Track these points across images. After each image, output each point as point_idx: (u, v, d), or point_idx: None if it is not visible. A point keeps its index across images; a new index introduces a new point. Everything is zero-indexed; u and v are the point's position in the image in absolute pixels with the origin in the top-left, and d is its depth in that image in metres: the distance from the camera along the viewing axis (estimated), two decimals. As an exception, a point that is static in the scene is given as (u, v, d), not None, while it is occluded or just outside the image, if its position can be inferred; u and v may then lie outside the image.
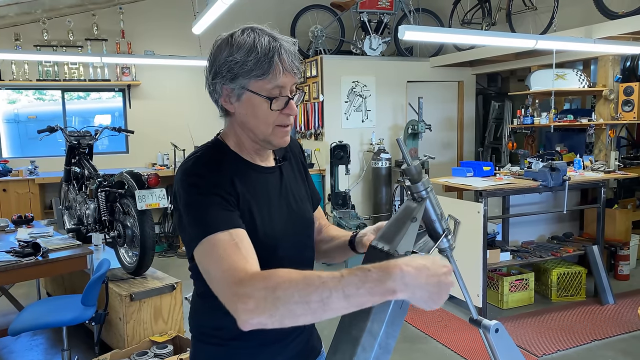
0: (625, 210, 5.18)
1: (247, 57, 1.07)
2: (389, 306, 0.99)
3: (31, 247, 3.16)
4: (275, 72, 1.08)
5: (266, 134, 1.14)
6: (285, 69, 1.09)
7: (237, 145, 1.18)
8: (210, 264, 1.01)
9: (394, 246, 1.00)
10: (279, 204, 1.20)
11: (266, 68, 1.07)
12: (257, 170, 1.19)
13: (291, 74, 1.11)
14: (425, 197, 1.05)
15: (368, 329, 0.98)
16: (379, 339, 0.98)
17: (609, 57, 4.96)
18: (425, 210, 1.06)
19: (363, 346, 0.98)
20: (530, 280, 4.36)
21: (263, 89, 1.09)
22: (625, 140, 6.18)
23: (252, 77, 1.08)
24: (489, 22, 6.04)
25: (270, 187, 1.20)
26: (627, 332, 3.77)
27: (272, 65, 1.07)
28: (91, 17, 6.39)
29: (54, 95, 6.74)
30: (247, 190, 1.13)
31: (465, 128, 7.02)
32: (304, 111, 6.56)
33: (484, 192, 3.93)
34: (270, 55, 1.07)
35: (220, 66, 1.10)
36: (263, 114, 1.11)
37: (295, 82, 1.13)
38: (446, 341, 3.68)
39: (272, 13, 7.28)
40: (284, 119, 1.13)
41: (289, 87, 1.12)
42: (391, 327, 0.99)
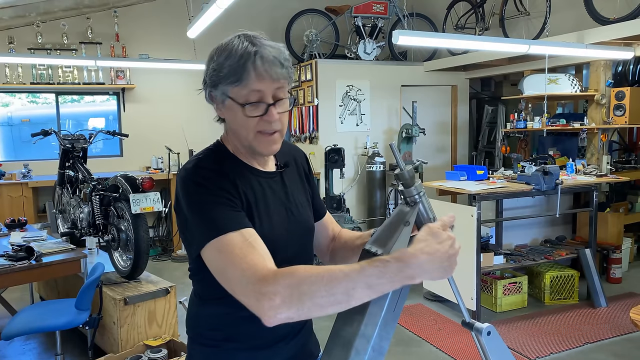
0: (617, 214, 5.22)
1: (224, 63, 1.09)
2: (382, 309, 1.00)
3: (25, 251, 3.15)
4: (249, 78, 1.08)
5: (248, 140, 1.14)
6: (259, 74, 1.08)
7: (235, 149, 1.21)
8: (226, 263, 1.02)
9: (388, 250, 1.02)
10: (278, 208, 1.21)
11: (239, 74, 1.08)
12: (256, 174, 1.20)
13: (269, 80, 1.09)
14: (418, 201, 1.06)
15: (361, 332, 0.99)
16: (373, 342, 0.99)
17: (601, 62, 5.01)
18: (418, 214, 1.07)
19: (356, 349, 0.99)
20: (523, 283, 4.39)
21: (239, 95, 1.10)
22: (617, 144, 6.23)
23: (228, 83, 1.10)
24: (483, 27, 6.08)
25: (270, 192, 1.21)
26: (619, 334, 3.80)
27: (244, 71, 1.08)
28: (85, 20, 6.38)
29: (47, 98, 6.71)
30: (248, 193, 1.15)
31: (458, 132, 7.06)
32: (299, 115, 6.58)
33: (478, 195, 3.95)
34: (243, 61, 1.08)
35: (207, 74, 1.15)
36: (241, 120, 1.12)
37: (278, 88, 1.11)
38: (440, 344, 3.70)
39: (266, 17, 7.30)
40: (265, 125, 1.12)
41: (270, 92, 1.11)
42: (384, 330, 1.00)
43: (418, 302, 4.56)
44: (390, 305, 1.00)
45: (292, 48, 6.71)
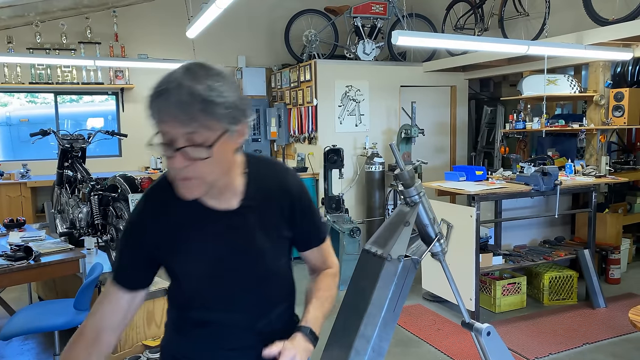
0: (616, 215, 5.22)
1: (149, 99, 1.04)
2: (382, 310, 1.00)
3: (23, 251, 3.14)
4: (154, 119, 1.02)
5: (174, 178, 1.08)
6: (160, 117, 1.01)
7: None
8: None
9: (387, 250, 1.02)
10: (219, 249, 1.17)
11: (150, 113, 1.03)
12: (206, 213, 1.16)
13: (172, 123, 0.99)
14: (418, 201, 1.06)
15: (361, 333, 0.99)
16: (372, 342, 0.99)
17: (600, 62, 5.01)
18: (417, 214, 1.07)
19: (356, 350, 0.99)
20: (522, 284, 4.39)
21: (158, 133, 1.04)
22: (615, 145, 6.24)
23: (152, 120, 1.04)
24: (482, 28, 6.08)
25: (218, 231, 1.16)
26: (618, 335, 3.80)
27: (150, 110, 1.03)
28: (84, 20, 6.37)
29: (46, 98, 6.71)
30: (182, 234, 1.16)
31: (457, 132, 7.06)
32: (298, 115, 6.57)
33: (477, 196, 3.95)
34: (149, 101, 1.03)
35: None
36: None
37: (186, 132, 1.00)
38: (439, 345, 3.69)
39: (266, 17, 7.31)
40: (175, 171, 1.05)
41: (177, 136, 1.00)
42: (384, 331, 1.00)
43: (417, 302, 4.56)
44: (390, 305, 1.00)
45: (291, 48, 6.71)
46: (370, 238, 1.11)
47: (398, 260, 1.00)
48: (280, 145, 7.17)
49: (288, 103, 6.87)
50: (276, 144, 7.32)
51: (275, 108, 7.12)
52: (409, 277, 1.02)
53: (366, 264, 1.06)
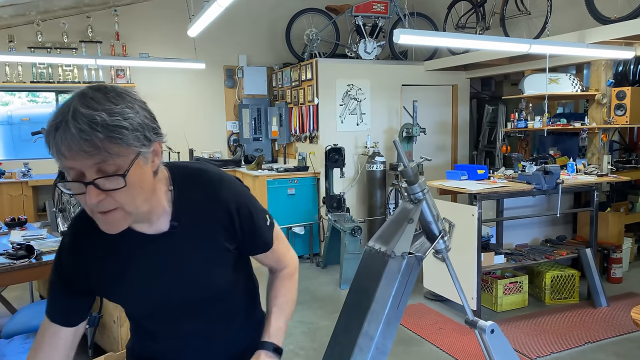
0: (618, 214, 5.22)
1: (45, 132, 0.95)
2: (386, 308, 0.99)
3: (25, 250, 3.14)
4: (56, 155, 0.93)
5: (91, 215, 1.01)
6: (62, 153, 0.91)
7: None
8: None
9: (391, 247, 1.01)
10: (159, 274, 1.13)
11: (50, 150, 0.94)
12: (136, 239, 1.10)
13: (78, 157, 0.91)
14: (422, 198, 1.06)
15: (364, 331, 0.99)
16: (376, 340, 0.99)
17: (602, 61, 5.00)
18: (421, 211, 1.06)
19: (360, 347, 0.98)
20: (524, 283, 4.38)
21: (64, 170, 0.96)
22: (617, 144, 6.22)
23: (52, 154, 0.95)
24: (483, 27, 6.07)
25: (148, 256, 1.12)
26: (620, 334, 3.79)
27: (50, 147, 0.93)
28: (85, 19, 6.37)
29: (47, 97, 6.71)
30: (113, 262, 1.12)
31: (459, 132, 7.05)
32: (299, 114, 6.57)
33: (479, 195, 3.95)
34: (52, 133, 0.92)
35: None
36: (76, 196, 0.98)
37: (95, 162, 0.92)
38: (441, 344, 3.69)
39: (267, 16, 7.31)
40: (87, 205, 0.96)
41: (88, 169, 0.92)
42: (388, 329, 1.00)
43: (419, 301, 4.55)
44: (393, 303, 0.99)
45: (292, 47, 6.70)
46: (373, 235, 1.10)
47: (402, 257, 1.00)
48: (282, 145, 7.17)
49: (289, 102, 6.87)
50: (277, 143, 7.32)
51: (277, 107, 7.12)
52: (413, 274, 1.02)
53: (369, 261, 1.05)
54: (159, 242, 1.11)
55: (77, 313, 1.17)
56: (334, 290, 4.96)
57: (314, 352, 3.61)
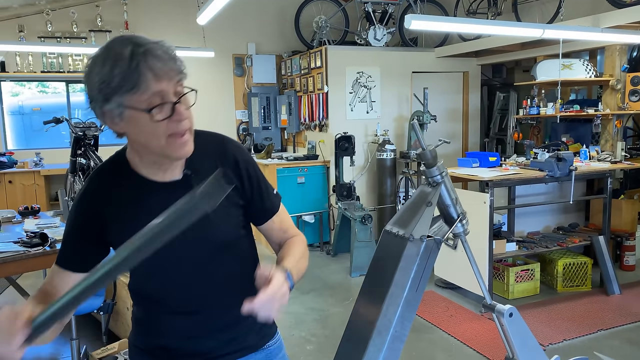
0: (632, 201, 5.16)
1: (112, 73, 1.00)
2: (405, 290, 0.99)
3: (39, 238, 3.17)
4: (147, 81, 1.00)
5: (160, 147, 1.07)
6: (157, 75, 1.01)
7: (138, 159, 1.16)
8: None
9: (409, 230, 1.00)
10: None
11: (135, 79, 1.00)
12: (151, 187, 1.15)
13: (167, 77, 1.03)
14: (440, 181, 1.05)
15: (383, 313, 0.98)
16: (395, 322, 0.98)
17: (616, 46, 4.92)
18: (440, 195, 1.05)
19: (378, 330, 0.98)
20: (535, 270, 4.36)
21: (140, 102, 1.02)
22: (631, 130, 6.14)
23: (124, 92, 1.00)
24: (495, 12, 5.99)
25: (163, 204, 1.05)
26: (633, 322, 3.77)
27: (139, 74, 1.00)
28: (95, 8, 6.37)
29: (57, 87, 6.73)
30: (129, 209, 1.14)
31: (470, 119, 6.99)
32: (309, 102, 6.54)
33: (491, 182, 3.92)
34: (135, 64, 0.99)
35: (91, 89, 1.04)
36: (148, 127, 1.04)
37: (177, 83, 1.05)
38: (452, 331, 3.69)
39: (275, 4, 7.25)
40: (175, 126, 1.05)
41: (171, 91, 1.04)
42: (407, 310, 0.99)
43: (430, 289, 4.55)
44: (412, 285, 0.99)
45: (301, 35, 6.65)
46: (390, 220, 1.10)
47: (420, 241, 0.99)
48: (291, 133, 7.16)
49: (298, 90, 6.84)
50: (286, 131, 7.30)
51: (286, 95, 7.09)
52: (432, 257, 1.01)
53: (387, 245, 1.05)
54: (173, 189, 1.14)
55: (89, 260, 1.12)
56: (344, 278, 4.97)
57: (326, 339, 3.62)
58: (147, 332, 1.29)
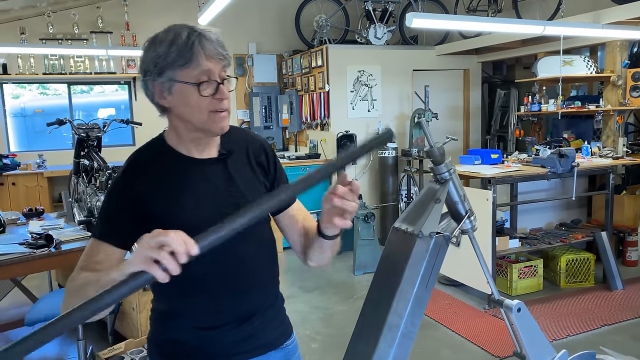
0: (634, 196, 5.17)
1: (169, 49, 1.12)
2: (414, 287, 1.00)
3: (44, 239, 3.19)
4: (198, 58, 1.12)
5: (202, 121, 1.17)
6: (207, 54, 1.13)
7: (177, 139, 1.24)
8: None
9: (418, 227, 1.01)
10: (211, 193, 1.23)
11: (188, 56, 1.12)
12: (190, 163, 1.23)
13: (216, 59, 1.15)
14: (448, 178, 1.06)
15: (393, 309, 0.99)
16: (405, 318, 0.99)
17: (617, 42, 4.92)
18: (448, 191, 1.07)
19: (389, 326, 0.99)
20: (539, 267, 4.37)
21: (190, 77, 1.13)
22: (632, 126, 6.14)
23: (177, 67, 1.12)
24: (495, 9, 6.00)
25: (202, 179, 1.23)
26: (636, 317, 3.78)
27: (193, 52, 1.12)
28: (95, 9, 6.38)
29: (57, 89, 6.75)
30: (170, 183, 1.21)
31: (471, 116, 7.00)
32: (310, 101, 6.55)
33: (493, 179, 3.93)
34: (190, 43, 1.12)
35: (147, 64, 1.16)
36: (195, 101, 1.15)
37: (222, 68, 1.17)
38: (457, 328, 3.70)
39: (276, 3, 7.26)
40: (217, 104, 1.16)
41: (217, 72, 1.16)
42: (416, 308, 1.01)
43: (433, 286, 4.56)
44: (422, 282, 1.00)
45: (302, 34, 6.66)
46: (398, 217, 1.11)
47: (430, 237, 1.00)
48: (292, 133, 7.17)
49: (299, 89, 6.85)
50: (288, 131, 7.32)
51: (287, 95, 7.11)
52: (441, 253, 1.02)
53: (397, 241, 1.06)
54: (209, 164, 1.25)
55: (130, 235, 1.17)
56: (348, 276, 4.98)
57: (331, 338, 3.64)
58: (171, 326, 1.27)
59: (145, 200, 1.19)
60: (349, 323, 3.87)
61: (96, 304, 0.85)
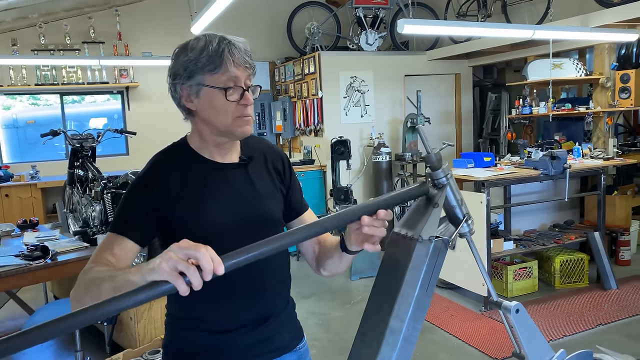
0: (625, 197, 5.23)
1: (200, 55, 1.18)
2: (415, 290, 1.02)
3: (40, 250, 3.18)
4: (227, 65, 1.17)
5: (227, 124, 1.22)
6: (235, 62, 1.18)
7: (199, 142, 1.28)
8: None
9: (418, 231, 1.03)
10: (231, 197, 1.27)
11: (218, 62, 1.17)
12: (213, 167, 1.28)
13: (242, 67, 1.20)
14: (446, 183, 1.08)
15: (395, 313, 1.01)
16: (407, 322, 1.01)
17: (605, 45, 5.00)
18: (445, 196, 1.09)
19: (391, 329, 1.01)
20: (533, 268, 4.41)
21: (218, 82, 1.18)
22: (622, 127, 6.22)
23: (206, 72, 1.18)
24: (485, 14, 6.07)
25: (223, 182, 1.28)
26: (631, 315, 3.83)
27: (222, 58, 1.17)
28: (87, 20, 6.39)
29: (48, 100, 6.73)
30: (192, 185, 1.24)
31: (463, 120, 7.06)
32: (303, 108, 6.58)
33: (487, 182, 3.97)
34: (220, 50, 1.17)
35: (177, 68, 1.21)
36: (221, 105, 1.20)
37: (248, 76, 1.22)
38: (454, 331, 3.72)
39: (267, 11, 7.30)
40: (242, 109, 1.21)
41: (243, 79, 1.21)
42: (418, 311, 1.02)
43: (429, 290, 4.58)
44: (422, 285, 1.02)
45: (294, 41, 6.70)
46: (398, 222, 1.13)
47: (429, 241, 1.02)
48: (286, 139, 7.19)
49: (293, 96, 6.88)
50: (282, 137, 7.33)
51: (280, 102, 7.13)
52: (440, 257, 1.04)
53: (396, 246, 1.08)
54: (230, 168, 1.30)
55: (146, 234, 1.21)
56: (344, 282, 4.99)
57: (329, 343, 3.65)
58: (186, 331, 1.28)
59: (165, 205, 1.21)
60: (347, 328, 3.89)
61: (113, 305, 0.84)
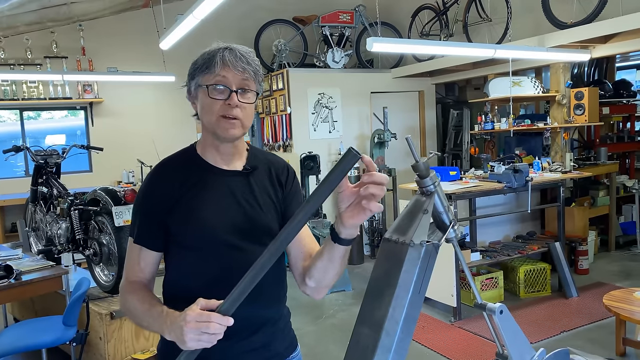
0: (582, 208, 5.47)
1: (200, 58, 1.28)
2: (409, 292, 1.06)
3: (3, 270, 3.06)
4: (217, 66, 1.24)
5: (212, 123, 1.26)
6: (225, 63, 1.24)
7: (203, 146, 1.34)
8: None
9: (409, 237, 1.08)
10: (229, 203, 1.30)
11: (210, 63, 1.24)
12: (214, 172, 1.32)
13: (234, 70, 1.24)
14: (434, 190, 1.13)
15: (390, 315, 1.05)
16: (401, 323, 1.05)
17: (560, 64, 5.27)
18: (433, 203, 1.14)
19: (387, 331, 1.04)
20: (499, 278, 4.54)
21: (208, 81, 1.25)
22: (577, 142, 6.53)
23: (201, 73, 1.26)
24: (447, 34, 6.29)
25: (224, 187, 1.31)
26: (592, 322, 3.99)
27: (214, 60, 1.24)
28: (50, 34, 6.24)
29: (2, 116, 6.51)
30: (195, 189, 1.29)
31: (427, 135, 7.25)
32: (271, 124, 6.61)
33: (454, 195, 4.08)
34: (213, 53, 1.25)
35: (189, 73, 1.31)
36: (207, 103, 1.25)
37: (242, 80, 1.25)
38: (425, 341, 3.79)
39: (235, 28, 7.32)
40: (226, 109, 1.24)
41: (234, 82, 1.24)
42: (411, 313, 1.06)
43: (399, 302, 4.64)
44: (415, 287, 1.06)
45: (261, 58, 6.74)
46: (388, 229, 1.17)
47: (420, 246, 1.06)
48: (254, 155, 7.18)
49: (261, 112, 6.90)
50: (249, 153, 7.32)
51: (248, 118, 7.13)
52: (431, 260, 1.09)
53: (388, 251, 1.12)
54: (233, 175, 1.33)
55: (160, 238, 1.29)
56: (315, 296, 4.99)
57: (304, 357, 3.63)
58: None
59: (165, 209, 1.27)
60: (320, 342, 3.89)
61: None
